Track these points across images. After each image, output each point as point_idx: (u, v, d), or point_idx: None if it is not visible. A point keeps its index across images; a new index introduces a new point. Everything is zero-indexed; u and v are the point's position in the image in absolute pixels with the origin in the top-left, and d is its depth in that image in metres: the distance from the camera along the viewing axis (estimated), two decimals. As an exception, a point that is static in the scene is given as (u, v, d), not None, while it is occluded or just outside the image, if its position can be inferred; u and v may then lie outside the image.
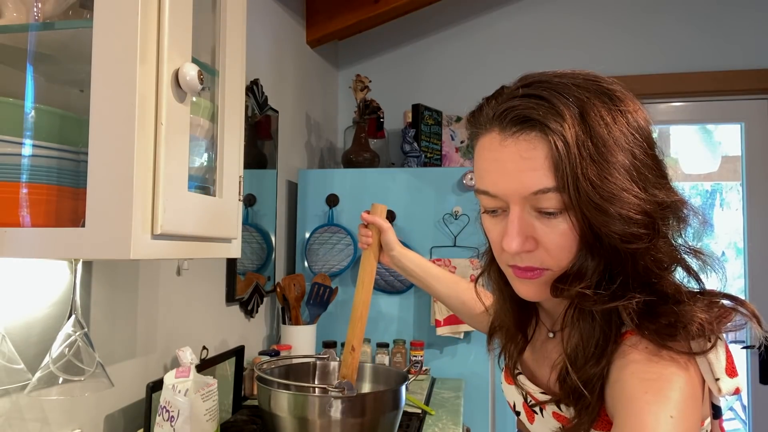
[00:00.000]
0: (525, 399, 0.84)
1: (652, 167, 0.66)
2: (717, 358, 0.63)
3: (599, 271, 0.67)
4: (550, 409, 0.78)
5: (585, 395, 0.67)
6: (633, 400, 0.61)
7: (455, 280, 1.23)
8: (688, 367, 0.63)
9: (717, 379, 0.63)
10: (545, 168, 0.64)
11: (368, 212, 1.21)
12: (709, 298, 0.66)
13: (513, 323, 0.84)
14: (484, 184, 0.70)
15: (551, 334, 0.82)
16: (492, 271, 0.84)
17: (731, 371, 0.63)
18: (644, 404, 0.59)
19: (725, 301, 0.66)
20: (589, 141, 0.63)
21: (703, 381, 0.64)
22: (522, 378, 0.85)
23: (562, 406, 0.75)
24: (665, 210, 0.65)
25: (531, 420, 0.84)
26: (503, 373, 0.93)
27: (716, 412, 0.69)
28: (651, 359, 0.63)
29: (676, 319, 0.63)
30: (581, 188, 0.62)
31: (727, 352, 0.64)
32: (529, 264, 0.69)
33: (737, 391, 0.63)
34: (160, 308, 1.39)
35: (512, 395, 0.89)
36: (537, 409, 0.81)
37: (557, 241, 0.67)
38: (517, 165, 0.65)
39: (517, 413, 0.88)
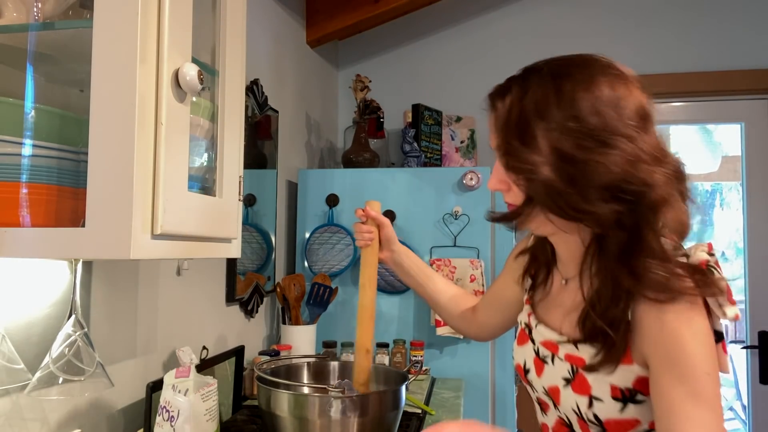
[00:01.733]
0: (537, 353, 0.93)
1: (584, 119, 0.78)
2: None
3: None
4: (564, 351, 0.87)
5: (609, 335, 0.80)
6: (672, 358, 0.76)
7: (447, 280, 1.30)
8: (699, 302, 0.78)
9: (721, 306, 0.77)
10: (493, 131, 0.87)
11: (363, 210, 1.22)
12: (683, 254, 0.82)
13: (543, 253, 0.99)
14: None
15: (564, 281, 0.93)
16: None
17: (731, 300, 0.78)
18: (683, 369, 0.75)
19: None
20: (518, 108, 0.82)
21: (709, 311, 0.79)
22: (540, 327, 0.94)
23: (580, 346, 0.84)
24: (586, 149, 0.77)
25: (540, 373, 0.92)
26: (517, 337, 1.02)
27: (718, 337, 0.80)
28: (675, 306, 0.76)
29: (679, 264, 0.79)
30: (502, 148, 0.84)
31: (727, 285, 0.78)
32: (507, 200, 0.89)
33: (737, 317, 0.78)
34: (160, 308, 1.39)
35: (523, 355, 0.98)
36: (548, 358, 0.90)
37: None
38: (490, 130, 0.89)
39: (527, 371, 0.96)
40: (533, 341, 0.95)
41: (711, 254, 0.81)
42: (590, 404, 0.83)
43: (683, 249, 0.83)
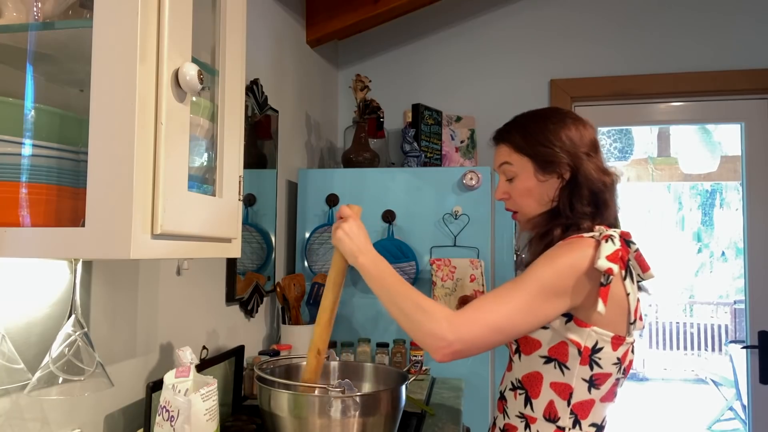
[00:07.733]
0: None
1: (554, 147, 1.20)
2: (605, 248, 1.05)
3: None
4: None
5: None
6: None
7: None
8: (592, 246, 1.08)
9: (599, 258, 1.05)
10: (505, 155, 1.27)
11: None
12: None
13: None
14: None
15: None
16: None
17: (612, 260, 1.04)
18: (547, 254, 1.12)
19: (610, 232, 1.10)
20: (520, 140, 1.25)
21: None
22: None
23: None
24: (564, 167, 1.19)
25: None
26: None
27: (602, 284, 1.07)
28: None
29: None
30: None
31: (616, 250, 1.05)
32: (508, 207, 1.30)
33: (609, 271, 1.03)
34: (160, 308, 1.39)
35: None
36: None
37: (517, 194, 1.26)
38: (496, 159, 1.30)
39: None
40: None
41: (628, 240, 1.12)
42: None
43: (607, 228, 1.13)
